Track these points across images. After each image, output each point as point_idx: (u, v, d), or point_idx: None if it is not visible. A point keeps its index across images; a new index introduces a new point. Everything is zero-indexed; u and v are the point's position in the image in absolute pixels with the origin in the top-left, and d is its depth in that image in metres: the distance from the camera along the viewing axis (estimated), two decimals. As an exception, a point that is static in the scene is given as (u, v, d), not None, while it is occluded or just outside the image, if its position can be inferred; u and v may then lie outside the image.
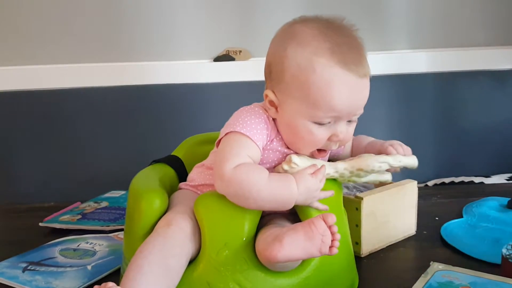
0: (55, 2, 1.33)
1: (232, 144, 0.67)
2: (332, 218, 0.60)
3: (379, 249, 0.90)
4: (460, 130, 1.46)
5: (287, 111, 0.68)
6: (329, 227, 0.60)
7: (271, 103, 0.69)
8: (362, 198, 0.85)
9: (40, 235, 1.01)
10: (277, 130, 0.71)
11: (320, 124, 0.67)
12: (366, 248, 0.88)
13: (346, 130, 0.69)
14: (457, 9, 1.42)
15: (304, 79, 0.65)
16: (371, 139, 0.81)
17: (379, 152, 0.75)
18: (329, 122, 0.67)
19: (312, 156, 0.71)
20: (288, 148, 0.71)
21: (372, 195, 0.87)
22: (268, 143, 0.70)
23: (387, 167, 0.73)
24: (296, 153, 0.71)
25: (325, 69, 0.64)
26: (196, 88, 1.38)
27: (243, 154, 0.66)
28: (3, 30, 1.34)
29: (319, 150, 0.71)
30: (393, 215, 0.91)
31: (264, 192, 0.64)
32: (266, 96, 0.69)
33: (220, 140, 0.70)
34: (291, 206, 0.66)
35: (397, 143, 0.77)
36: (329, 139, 0.69)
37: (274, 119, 0.71)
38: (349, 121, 0.70)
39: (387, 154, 0.74)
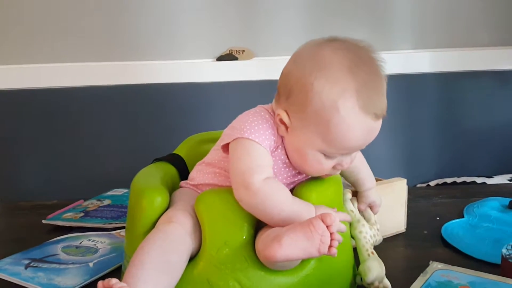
0: (58, 1, 1.34)
1: (250, 153, 0.67)
2: (331, 219, 0.61)
3: None
4: (463, 130, 1.46)
5: (299, 138, 0.68)
6: (328, 227, 0.61)
7: (282, 122, 0.69)
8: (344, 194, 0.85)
9: (43, 232, 1.01)
10: (282, 139, 0.71)
11: (329, 157, 0.68)
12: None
13: (350, 160, 0.71)
14: (460, 9, 1.42)
15: (327, 119, 0.65)
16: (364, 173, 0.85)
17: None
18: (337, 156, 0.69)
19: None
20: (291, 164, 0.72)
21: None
22: (273, 149, 0.70)
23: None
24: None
25: (349, 113, 0.64)
26: (199, 88, 1.39)
27: (265, 165, 0.67)
28: (6, 29, 1.35)
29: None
30: (380, 212, 0.90)
31: (284, 214, 0.65)
32: (278, 115, 0.69)
33: (227, 144, 0.69)
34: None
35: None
36: (333, 167, 0.70)
37: (282, 136, 0.71)
38: None
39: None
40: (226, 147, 0.70)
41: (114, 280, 0.56)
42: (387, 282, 0.75)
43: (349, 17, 1.40)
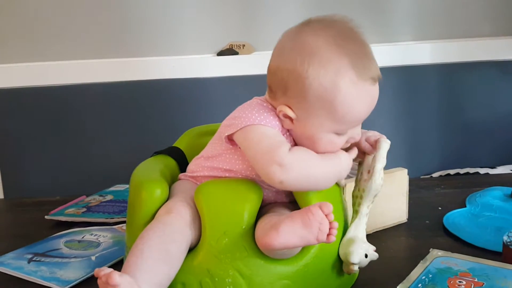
0: (60, -1, 1.35)
1: (267, 134, 0.67)
2: (329, 207, 0.61)
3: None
4: (465, 121, 1.45)
5: (308, 127, 0.68)
6: (326, 216, 0.61)
7: (287, 116, 0.69)
8: (345, 185, 0.84)
9: (46, 228, 1.02)
10: (286, 130, 0.71)
11: (341, 134, 0.69)
12: None
13: (360, 130, 0.72)
14: (461, -1, 1.42)
15: (331, 99, 0.65)
16: None
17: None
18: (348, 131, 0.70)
19: None
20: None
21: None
22: None
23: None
24: None
25: (350, 87, 0.65)
26: (200, 83, 1.39)
27: (285, 140, 0.68)
28: (9, 28, 1.35)
29: None
30: (381, 202, 0.88)
31: (325, 169, 0.66)
32: (281, 111, 0.68)
33: (231, 134, 0.69)
34: (341, 178, 0.71)
35: (370, 137, 0.76)
36: (346, 142, 0.71)
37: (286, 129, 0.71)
38: None
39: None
40: (230, 137, 0.70)
41: (108, 268, 0.56)
42: (374, 254, 0.73)
43: (348, 10, 1.39)
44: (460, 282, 0.63)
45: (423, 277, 0.65)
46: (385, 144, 0.74)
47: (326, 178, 0.68)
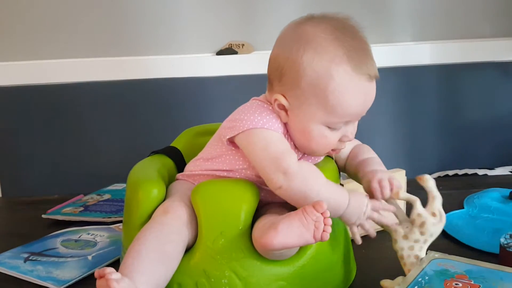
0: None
1: (272, 140, 0.67)
2: (321, 206, 0.61)
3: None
4: (465, 122, 1.45)
5: (300, 117, 0.68)
6: (321, 214, 0.61)
7: (281, 107, 0.69)
8: (342, 185, 0.84)
9: (43, 227, 1.02)
10: (286, 129, 0.71)
11: (333, 128, 0.69)
12: None
13: (354, 129, 0.71)
14: (461, 0, 1.41)
15: (323, 87, 0.65)
16: (366, 156, 0.79)
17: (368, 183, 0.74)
18: (341, 126, 0.69)
19: (326, 155, 0.74)
20: (296, 148, 0.72)
21: (354, 182, 0.84)
22: None
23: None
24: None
25: (343, 77, 0.65)
26: (199, 82, 1.39)
27: (290, 148, 0.68)
28: (8, 26, 1.35)
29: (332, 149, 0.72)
30: None
31: (324, 193, 0.65)
32: (276, 100, 0.69)
33: (232, 137, 0.69)
34: (339, 214, 0.68)
35: (384, 182, 0.74)
36: (339, 140, 0.70)
37: (284, 123, 0.71)
38: None
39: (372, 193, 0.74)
40: (231, 140, 0.70)
41: (109, 269, 0.56)
42: None
43: (348, 10, 1.37)
44: (456, 284, 0.63)
45: (420, 279, 0.65)
46: (432, 181, 0.76)
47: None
